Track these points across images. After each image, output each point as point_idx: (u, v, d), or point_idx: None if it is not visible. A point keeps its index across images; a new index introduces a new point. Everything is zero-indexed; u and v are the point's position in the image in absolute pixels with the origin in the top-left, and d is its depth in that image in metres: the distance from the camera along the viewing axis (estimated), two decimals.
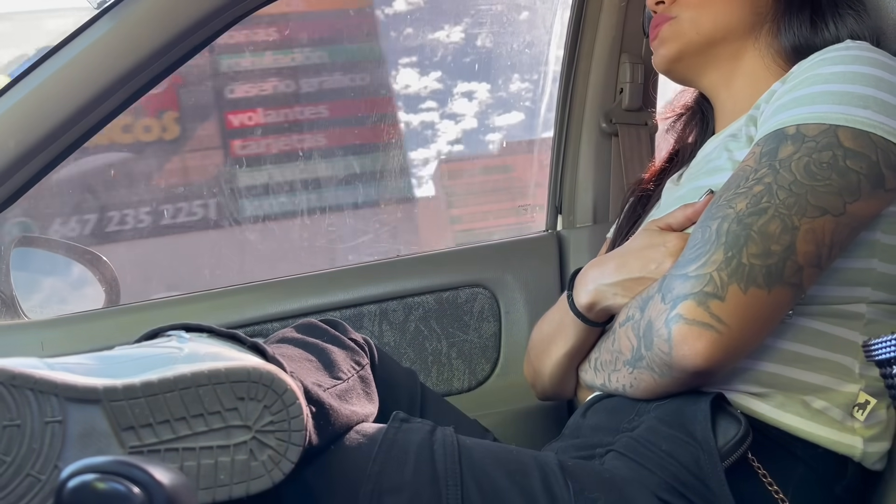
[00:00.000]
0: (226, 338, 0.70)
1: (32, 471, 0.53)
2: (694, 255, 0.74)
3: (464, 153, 2.83)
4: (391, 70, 2.66)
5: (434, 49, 2.55)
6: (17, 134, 1.02)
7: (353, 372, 0.84)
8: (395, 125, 2.59)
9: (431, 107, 2.65)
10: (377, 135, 2.50)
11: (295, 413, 0.62)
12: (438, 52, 2.55)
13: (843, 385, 0.78)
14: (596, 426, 0.86)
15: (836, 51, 0.81)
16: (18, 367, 0.54)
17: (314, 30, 2.79)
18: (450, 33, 2.48)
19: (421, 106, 2.65)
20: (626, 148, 1.48)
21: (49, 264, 1.34)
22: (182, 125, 2.72)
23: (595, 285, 0.86)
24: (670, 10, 0.97)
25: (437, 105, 2.65)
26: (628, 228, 1.09)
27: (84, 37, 1.03)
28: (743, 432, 0.73)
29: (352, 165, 2.48)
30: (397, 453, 0.72)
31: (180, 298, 1.34)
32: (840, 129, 0.74)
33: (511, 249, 1.44)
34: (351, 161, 2.50)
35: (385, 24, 2.65)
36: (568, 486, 0.71)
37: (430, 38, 2.53)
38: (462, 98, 2.62)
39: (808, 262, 0.72)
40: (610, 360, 0.85)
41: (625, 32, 1.47)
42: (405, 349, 1.34)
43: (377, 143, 2.50)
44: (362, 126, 2.62)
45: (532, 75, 2.05)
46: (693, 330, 0.71)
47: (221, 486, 0.58)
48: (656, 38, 0.99)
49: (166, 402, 0.57)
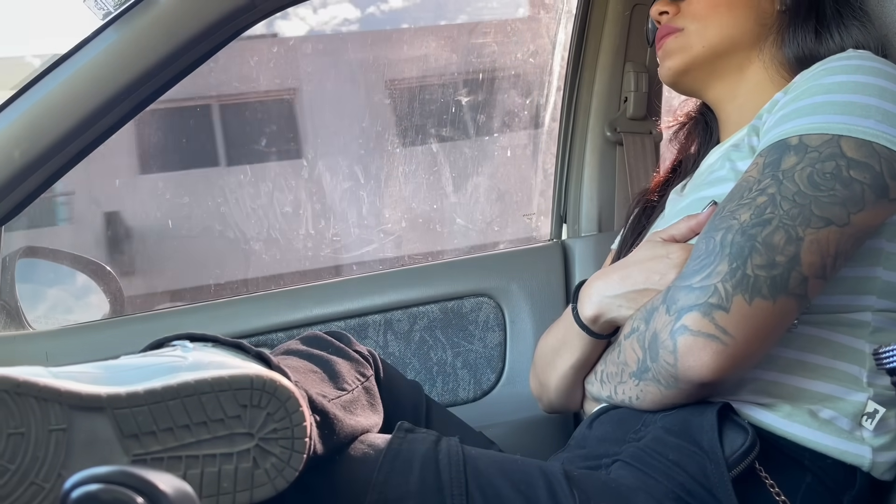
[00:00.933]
0: (230, 347, 0.70)
1: (37, 479, 0.53)
2: (698, 267, 0.74)
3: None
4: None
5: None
6: (23, 144, 1.02)
7: (357, 383, 0.84)
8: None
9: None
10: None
11: (298, 421, 0.62)
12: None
13: (850, 394, 0.78)
14: (602, 437, 0.86)
15: (838, 60, 0.81)
16: (22, 375, 0.54)
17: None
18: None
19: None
20: (631, 157, 1.48)
21: (54, 275, 1.35)
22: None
23: (599, 297, 0.86)
24: (675, 21, 0.97)
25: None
26: (633, 240, 1.09)
27: (90, 47, 1.04)
28: (750, 442, 0.72)
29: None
30: (402, 463, 0.71)
31: (185, 309, 1.34)
32: (843, 139, 0.74)
33: (516, 258, 1.43)
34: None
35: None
36: (574, 495, 0.71)
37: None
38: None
39: (813, 272, 0.72)
40: (616, 373, 0.85)
41: (629, 41, 1.47)
42: (410, 359, 1.34)
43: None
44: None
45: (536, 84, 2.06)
46: (698, 341, 0.71)
47: (224, 493, 0.58)
48: (662, 49, 0.99)
49: (170, 409, 0.57)
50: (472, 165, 2.69)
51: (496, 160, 2.72)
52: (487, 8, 2.24)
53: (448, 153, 2.69)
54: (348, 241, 2.78)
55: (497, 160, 2.72)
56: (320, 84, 3.74)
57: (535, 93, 1.94)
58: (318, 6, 2.41)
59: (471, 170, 2.68)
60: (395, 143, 2.70)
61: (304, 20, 2.34)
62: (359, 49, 3.58)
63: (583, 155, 1.51)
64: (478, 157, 2.69)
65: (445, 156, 2.68)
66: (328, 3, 2.42)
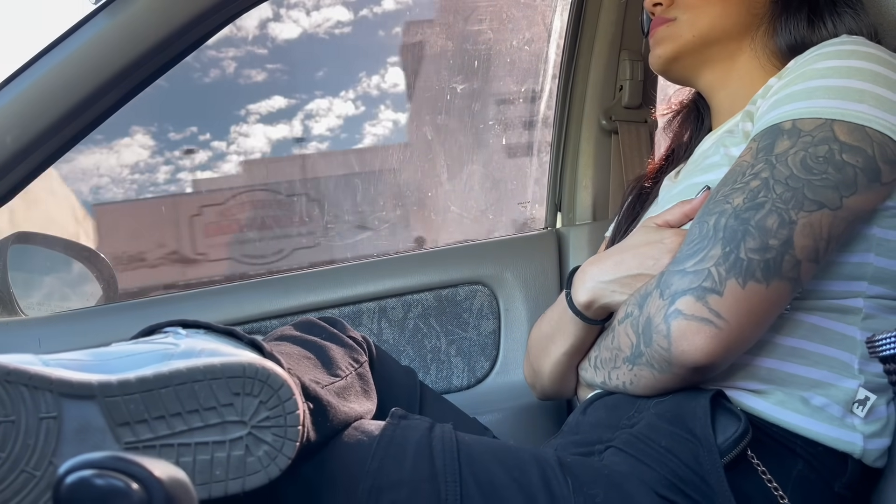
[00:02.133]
0: (223, 334, 0.69)
1: (27, 467, 0.53)
2: (692, 251, 0.74)
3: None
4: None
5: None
6: (14, 130, 1.01)
7: (351, 369, 0.84)
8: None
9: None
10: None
11: (291, 408, 0.62)
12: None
13: (842, 381, 0.78)
14: (595, 423, 0.86)
15: (831, 45, 0.81)
16: (13, 362, 0.53)
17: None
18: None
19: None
20: (626, 145, 1.48)
21: (47, 261, 1.34)
22: None
23: (593, 283, 0.86)
24: (668, 11, 0.97)
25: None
26: (627, 226, 1.09)
27: (81, 32, 1.03)
28: (742, 429, 0.73)
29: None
30: (396, 450, 0.71)
31: (178, 296, 1.34)
32: (836, 124, 0.74)
33: (510, 246, 1.43)
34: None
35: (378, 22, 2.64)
36: (567, 482, 0.71)
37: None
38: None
39: (806, 256, 0.72)
40: (609, 358, 0.85)
41: (624, 30, 1.47)
42: (404, 347, 1.34)
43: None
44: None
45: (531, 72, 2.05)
46: (692, 325, 0.71)
47: (217, 481, 0.57)
48: (653, 37, 1.00)
49: (161, 397, 0.56)
50: (468, 153, 2.68)
51: (491, 148, 2.71)
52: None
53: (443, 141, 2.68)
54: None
55: (492, 148, 2.71)
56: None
57: (530, 80, 1.93)
58: (310, 8, 2.39)
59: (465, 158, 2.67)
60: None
61: (296, 22, 2.32)
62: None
63: (578, 143, 1.51)
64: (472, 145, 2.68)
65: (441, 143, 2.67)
66: (321, 6, 2.40)
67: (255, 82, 2.52)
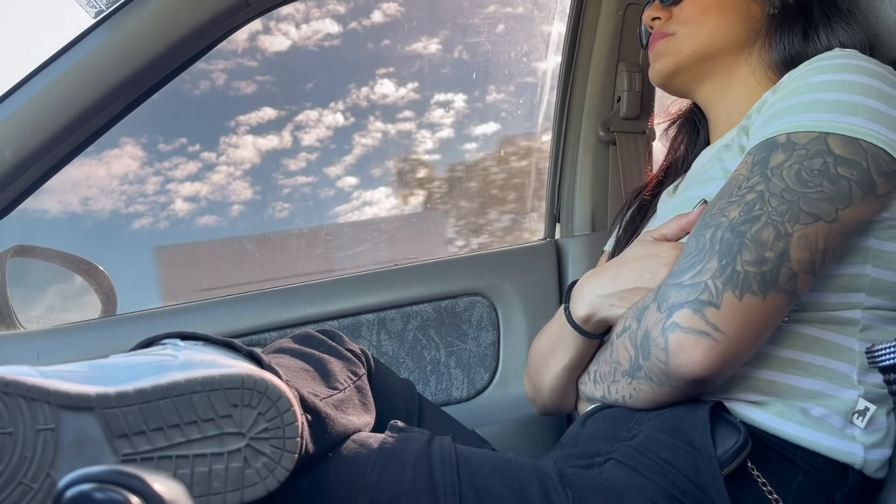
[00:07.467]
0: (222, 346, 0.69)
1: (25, 479, 0.53)
2: (689, 264, 0.74)
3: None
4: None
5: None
6: (14, 143, 1.02)
7: (349, 382, 0.84)
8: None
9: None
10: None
11: (290, 420, 0.61)
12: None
13: (841, 392, 0.78)
14: (595, 435, 0.86)
15: (825, 59, 0.81)
16: (10, 374, 0.53)
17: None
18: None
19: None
20: (624, 156, 1.48)
21: (46, 274, 1.34)
22: None
23: (592, 297, 0.86)
24: (667, 26, 0.99)
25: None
26: (626, 240, 1.09)
27: (82, 46, 1.04)
28: (742, 441, 0.72)
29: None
30: (395, 463, 0.71)
31: (177, 308, 1.33)
32: (830, 137, 0.74)
33: (509, 258, 1.43)
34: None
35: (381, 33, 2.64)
36: (567, 494, 0.70)
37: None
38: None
39: (802, 268, 0.72)
40: (609, 372, 0.85)
41: (622, 41, 1.47)
42: (403, 358, 1.33)
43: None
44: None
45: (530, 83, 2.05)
46: (689, 338, 0.71)
47: (215, 493, 0.57)
48: (652, 52, 1.01)
49: (160, 409, 0.56)
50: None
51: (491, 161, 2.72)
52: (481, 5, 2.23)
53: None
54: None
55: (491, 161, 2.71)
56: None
57: (528, 92, 1.94)
58: (300, 21, 2.38)
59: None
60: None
61: (286, 35, 2.31)
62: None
63: (576, 154, 1.51)
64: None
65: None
66: (311, 19, 2.39)
67: (245, 93, 2.52)
